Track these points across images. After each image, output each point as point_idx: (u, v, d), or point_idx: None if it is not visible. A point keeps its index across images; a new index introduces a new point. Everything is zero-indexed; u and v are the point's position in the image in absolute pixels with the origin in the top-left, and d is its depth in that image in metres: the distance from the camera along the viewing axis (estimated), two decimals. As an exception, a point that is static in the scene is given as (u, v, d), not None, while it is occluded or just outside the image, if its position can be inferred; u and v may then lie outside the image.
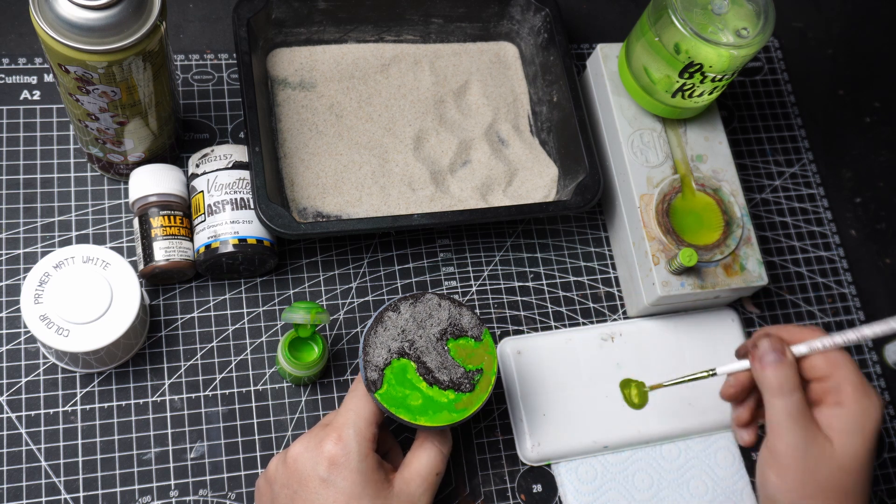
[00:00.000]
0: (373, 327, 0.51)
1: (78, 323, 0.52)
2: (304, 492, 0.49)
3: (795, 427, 0.48)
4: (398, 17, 0.69)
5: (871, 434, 0.48)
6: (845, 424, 0.48)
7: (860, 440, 0.48)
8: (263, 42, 0.66)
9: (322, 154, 0.65)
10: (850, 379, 0.49)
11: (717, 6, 0.61)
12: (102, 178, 0.63)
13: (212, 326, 0.61)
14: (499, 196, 0.67)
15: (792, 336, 0.52)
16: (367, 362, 0.50)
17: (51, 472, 0.55)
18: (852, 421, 0.48)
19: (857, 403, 0.48)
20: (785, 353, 0.50)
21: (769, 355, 0.50)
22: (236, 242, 0.58)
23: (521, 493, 0.61)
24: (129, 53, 0.50)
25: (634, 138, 0.66)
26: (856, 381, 0.49)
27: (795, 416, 0.48)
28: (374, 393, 0.50)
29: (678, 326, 0.66)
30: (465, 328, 0.53)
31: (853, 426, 0.48)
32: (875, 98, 0.82)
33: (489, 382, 0.52)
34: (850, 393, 0.48)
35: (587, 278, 0.68)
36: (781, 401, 0.49)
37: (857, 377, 0.49)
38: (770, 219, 0.74)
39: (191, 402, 0.59)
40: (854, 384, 0.49)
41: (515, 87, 0.72)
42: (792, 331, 0.52)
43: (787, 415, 0.49)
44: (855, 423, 0.48)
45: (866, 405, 0.48)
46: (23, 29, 0.66)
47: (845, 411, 0.48)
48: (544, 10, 0.69)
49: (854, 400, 0.48)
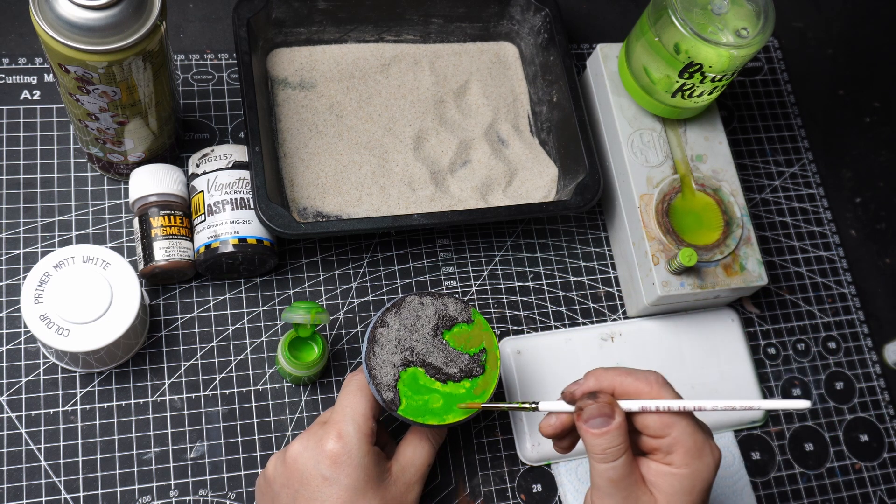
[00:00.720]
0: (370, 349, 0.52)
1: (78, 323, 0.52)
2: (306, 490, 0.49)
3: (616, 492, 0.45)
4: (398, 17, 0.69)
5: (700, 493, 0.45)
6: (672, 487, 0.45)
7: (688, 500, 0.45)
8: (263, 42, 0.66)
9: (322, 154, 0.65)
10: (681, 441, 0.45)
11: (717, 6, 0.61)
12: (102, 178, 0.63)
13: (212, 326, 0.61)
14: (499, 196, 0.67)
15: (626, 388, 0.47)
16: (377, 385, 0.51)
17: (51, 472, 0.55)
18: (680, 484, 0.45)
19: (688, 467, 0.45)
20: (613, 417, 0.45)
21: (595, 420, 0.45)
22: (236, 242, 0.58)
23: (521, 493, 0.61)
24: (130, 53, 0.50)
25: (634, 138, 0.66)
26: (688, 444, 0.45)
27: (617, 482, 0.45)
28: (395, 412, 0.50)
29: (678, 326, 0.66)
30: (454, 316, 0.53)
31: (681, 489, 0.45)
32: (875, 98, 0.82)
33: (496, 357, 0.53)
34: (681, 456, 0.45)
35: (587, 278, 0.68)
36: (604, 466, 0.45)
37: (691, 439, 0.45)
38: (770, 219, 0.74)
39: (191, 401, 0.59)
40: (686, 447, 0.45)
41: (515, 87, 0.72)
42: (627, 382, 0.47)
43: (608, 480, 0.45)
44: (683, 486, 0.45)
45: (697, 468, 0.45)
46: (23, 29, 0.66)
47: (675, 474, 0.45)
48: (544, 10, 0.69)
49: (684, 464, 0.45)
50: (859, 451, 0.68)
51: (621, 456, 0.45)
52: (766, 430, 0.67)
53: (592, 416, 0.46)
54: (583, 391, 0.47)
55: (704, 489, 0.46)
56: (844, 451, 0.67)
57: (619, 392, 0.47)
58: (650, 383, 0.46)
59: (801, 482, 0.66)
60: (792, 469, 0.66)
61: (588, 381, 0.48)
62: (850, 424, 0.68)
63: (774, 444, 0.66)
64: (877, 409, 0.69)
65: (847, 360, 0.71)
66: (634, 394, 0.47)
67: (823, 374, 0.69)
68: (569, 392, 0.48)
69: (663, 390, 0.46)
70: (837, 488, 0.66)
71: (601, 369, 0.48)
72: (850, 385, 0.70)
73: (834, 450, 0.67)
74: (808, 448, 0.67)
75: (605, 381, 0.47)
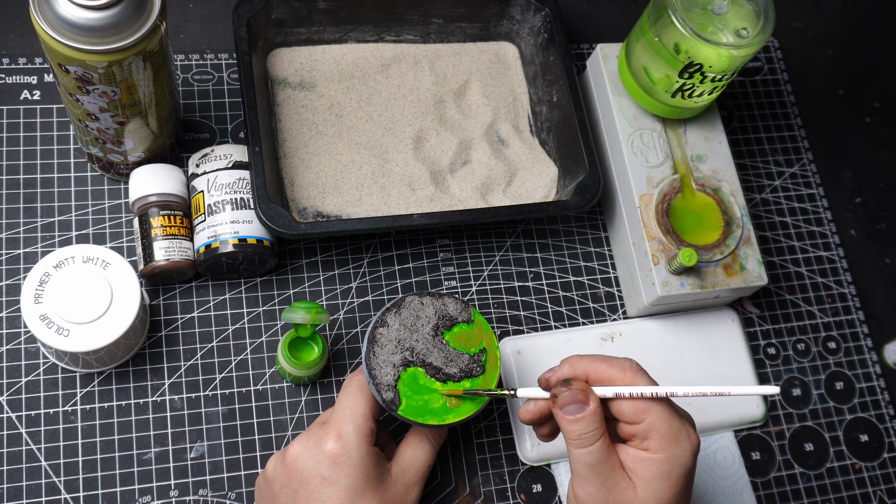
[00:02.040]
0: (370, 349, 0.52)
1: (78, 323, 0.52)
2: (306, 491, 0.49)
3: (594, 477, 0.46)
4: (398, 17, 0.69)
5: (679, 478, 0.46)
6: (650, 472, 0.46)
7: (666, 486, 0.45)
8: (263, 42, 0.66)
9: (322, 154, 0.65)
10: (657, 427, 0.46)
11: (717, 6, 0.61)
12: (102, 178, 0.63)
13: (212, 326, 0.61)
14: (499, 196, 0.67)
15: (600, 375, 0.47)
16: (377, 385, 0.51)
17: (51, 472, 0.55)
18: (657, 469, 0.45)
19: (664, 452, 0.45)
20: (587, 403, 0.46)
21: (570, 406, 0.46)
22: (236, 242, 0.58)
23: (521, 493, 0.61)
24: (130, 53, 0.50)
25: (634, 138, 0.66)
26: (664, 430, 0.46)
27: (594, 467, 0.46)
28: (395, 412, 0.50)
29: (678, 326, 0.66)
30: (454, 316, 0.53)
31: (658, 474, 0.45)
32: (875, 98, 0.82)
33: (496, 357, 0.53)
34: (657, 441, 0.46)
35: (587, 278, 0.68)
36: (580, 451, 0.46)
37: (666, 424, 0.46)
38: (770, 219, 0.74)
39: (191, 401, 0.59)
40: (662, 432, 0.45)
41: (515, 87, 0.72)
42: (601, 368, 0.47)
43: (585, 465, 0.46)
44: (660, 471, 0.45)
45: (673, 452, 0.45)
46: (23, 29, 0.66)
47: (651, 458, 0.46)
48: (544, 10, 0.69)
49: (661, 448, 0.45)
50: (859, 451, 0.68)
51: (596, 441, 0.46)
52: (766, 430, 0.67)
53: (567, 403, 0.46)
54: (557, 378, 0.48)
55: (682, 474, 0.46)
56: (844, 451, 0.67)
57: (593, 379, 0.48)
58: (624, 370, 0.47)
59: (801, 482, 0.66)
60: (792, 469, 0.66)
61: (563, 368, 0.49)
62: (850, 424, 0.68)
63: (774, 444, 0.66)
64: (877, 409, 0.69)
65: (847, 360, 0.71)
66: (608, 380, 0.47)
67: (823, 374, 0.69)
68: (544, 379, 0.49)
69: (637, 376, 0.47)
70: (837, 488, 0.66)
71: (576, 356, 0.49)
72: (850, 385, 0.70)
73: (834, 450, 0.67)
74: (808, 448, 0.67)
75: (580, 367, 0.48)
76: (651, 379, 0.47)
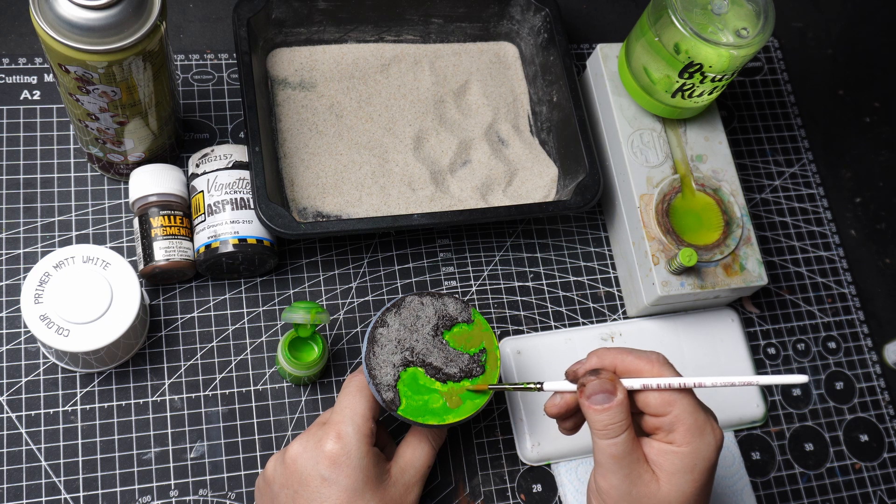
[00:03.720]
0: (370, 349, 0.52)
1: (78, 323, 0.52)
2: (305, 491, 0.50)
3: (619, 469, 0.46)
4: (398, 17, 0.69)
5: (702, 473, 0.46)
6: (673, 465, 0.46)
7: (689, 479, 0.46)
8: (263, 42, 0.66)
9: (322, 154, 0.65)
10: (682, 419, 0.46)
11: (717, 6, 0.61)
12: (102, 178, 0.63)
13: (212, 326, 0.61)
14: (499, 196, 0.67)
15: (627, 366, 0.48)
16: (377, 385, 0.51)
17: (51, 472, 0.55)
18: (681, 462, 0.45)
19: (689, 445, 0.45)
20: (615, 393, 0.46)
21: (597, 396, 0.46)
22: (236, 242, 0.58)
23: (521, 493, 0.61)
24: (129, 53, 0.50)
25: (634, 138, 0.66)
26: (689, 423, 0.46)
27: (619, 458, 0.46)
28: (395, 412, 0.50)
29: (678, 326, 0.66)
30: (454, 316, 0.53)
31: (682, 467, 0.46)
32: (875, 98, 0.82)
33: (496, 357, 0.53)
34: (683, 434, 0.46)
35: (587, 278, 0.68)
36: (606, 442, 0.46)
37: (692, 417, 0.46)
38: (770, 219, 0.74)
39: (191, 401, 0.59)
40: (687, 425, 0.46)
41: (515, 87, 0.72)
42: (628, 360, 0.48)
43: (610, 456, 0.46)
44: (684, 464, 0.45)
45: (698, 446, 0.46)
46: (23, 29, 0.66)
47: (676, 452, 0.46)
48: (544, 10, 0.69)
49: (685, 441, 0.45)
50: (859, 451, 0.68)
51: (623, 432, 0.46)
52: (766, 430, 0.67)
53: (595, 392, 0.46)
54: (585, 369, 0.48)
55: (706, 468, 0.46)
56: (844, 451, 0.67)
57: (620, 370, 0.48)
58: (651, 362, 0.47)
59: (801, 482, 0.66)
60: (792, 469, 0.66)
61: (591, 359, 0.49)
62: (850, 424, 0.68)
63: (774, 444, 0.66)
64: (877, 409, 0.69)
65: (847, 360, 0.71)
66: (636, 372, 0.47)
67: (823, 374, 0.69)
68: (572, 371, 0.49)
69: (664, 369, 0.47)
70: (837, 488, 0.66)
71: (603, 349, 0.49)
72: (850, 385, 0.70)
73: (834, 450, 0.67)
74: (808, 448, 0.67)
75: (608, 359, 0.48)
76: (677, 372, 0.47)
